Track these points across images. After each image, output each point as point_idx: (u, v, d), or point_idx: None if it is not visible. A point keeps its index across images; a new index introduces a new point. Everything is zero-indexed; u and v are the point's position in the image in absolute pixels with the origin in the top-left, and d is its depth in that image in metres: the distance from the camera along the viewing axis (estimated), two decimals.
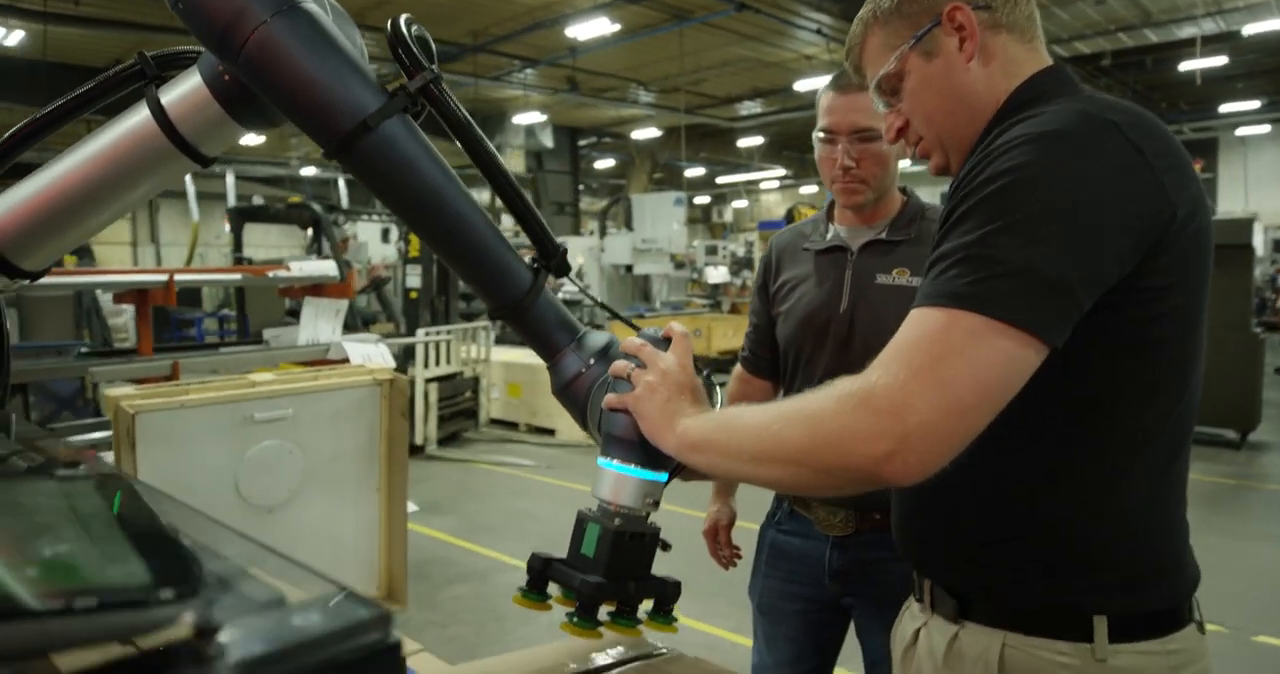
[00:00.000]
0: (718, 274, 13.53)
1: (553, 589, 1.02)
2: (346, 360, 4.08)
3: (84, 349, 4.25)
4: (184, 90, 1.14)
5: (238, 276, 3.79)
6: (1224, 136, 18.87)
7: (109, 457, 3.46)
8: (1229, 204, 17.97)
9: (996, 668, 0.96)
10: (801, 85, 12.50)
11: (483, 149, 1.02)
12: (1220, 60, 12.17)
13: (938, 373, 0.80)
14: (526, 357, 7.78)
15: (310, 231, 8.48)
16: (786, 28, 10.69)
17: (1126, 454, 0.95)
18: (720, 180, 23.88)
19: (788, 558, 1.76)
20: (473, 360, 7.58)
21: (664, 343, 1.01)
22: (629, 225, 12.12)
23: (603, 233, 13.38)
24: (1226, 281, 6.46)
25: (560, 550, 1.02)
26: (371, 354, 4.03)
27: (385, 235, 11.52)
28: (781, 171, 22.17)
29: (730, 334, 10.14)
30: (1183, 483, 1.00)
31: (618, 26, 10.31)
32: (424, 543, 4.60)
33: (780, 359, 1.78)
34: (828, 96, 1.65)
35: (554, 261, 1.06)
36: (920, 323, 0.85)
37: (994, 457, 0.91)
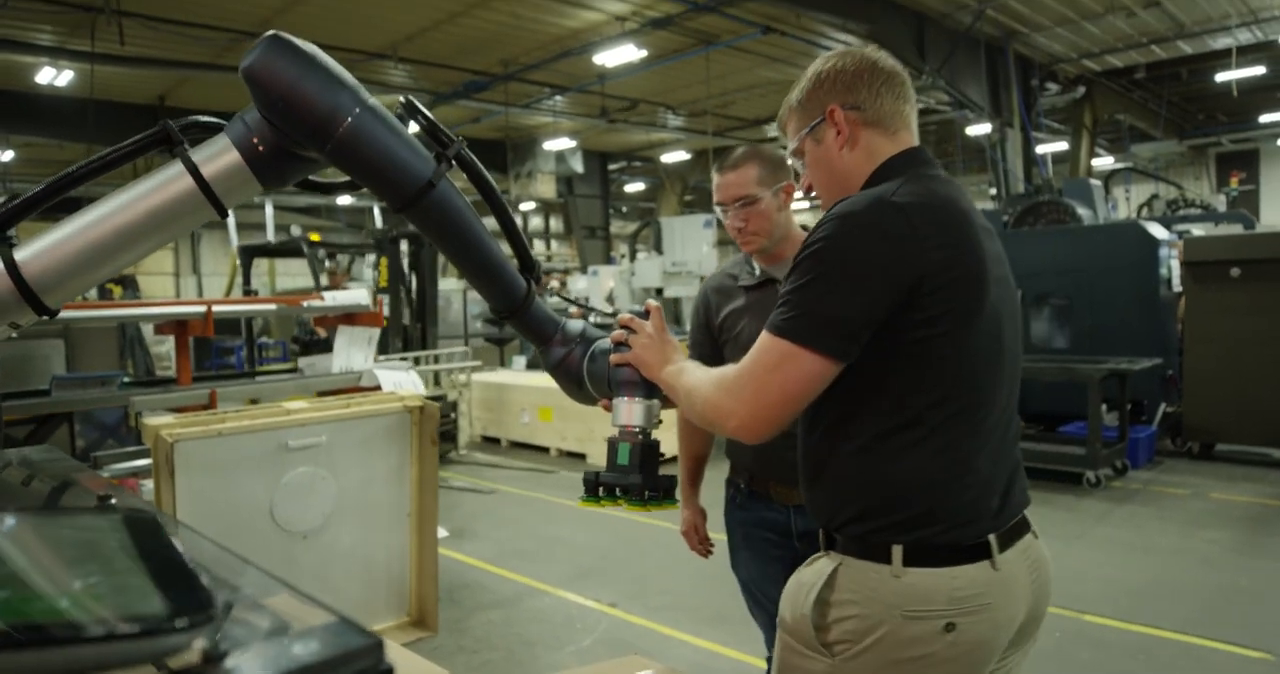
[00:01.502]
0: None
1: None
2: (378, 387, 4.14)
3: (126, 379, 4.35)
4: (218, 156, 1.41)
5: (273, 307, 3.88)
6: (1265, 147, 18.50)
7: (149, 484, 3.51)
8: (1272, 216, 17.57)
9: (827, 579, 1.34)
10: None
11: (493, 192, 1.43)
12: (1258, 70, 11.97)
13: (760, 380, 1.26)
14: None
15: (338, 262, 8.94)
16: (812, 49, 10.73)
17: (909, 434, 1.29)
18: None
19: (760, 528, 2.14)
20: (458, 384, 7.78)
21: (645, 315, 1.48)
22: (659, 248, 12.16)
23: (633, 256, 13.44)
24: (1271, 296, 6.33)
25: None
26: (403, 381, 4.09)
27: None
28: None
29: None
30: (973, 460, 1.32)
31: (645, 52, 10.42)
32: (455, 568, 4.62)
33: None
34: (715, 178, 2.11)
35: (534, 273, 1.50)
36: (760, 343, 1.29)
37: (830, 434, 1.36)
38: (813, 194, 1.52)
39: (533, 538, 5.15)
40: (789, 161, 1.54)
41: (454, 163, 1.39)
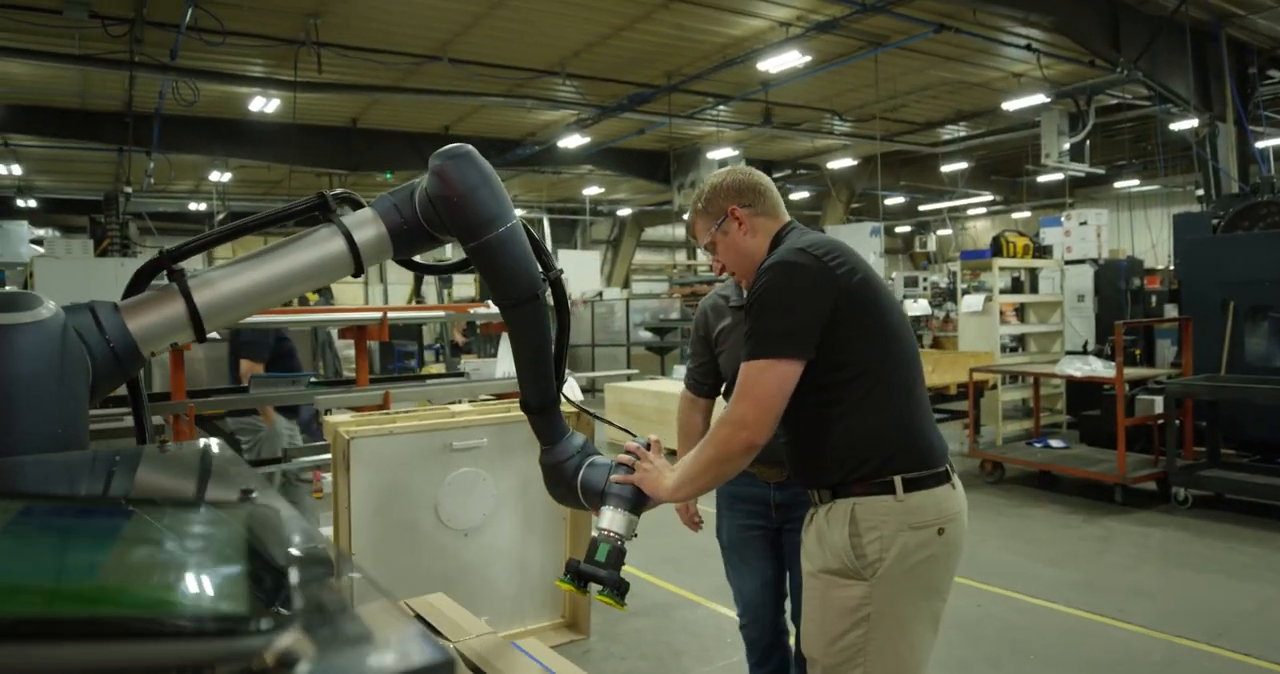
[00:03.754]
0: (918, 307, 12.93)
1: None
2: None
3: (314, 378, 4.70)
4: (367, 226, 1.73)
5: (442, 314, 4.07)
6: None
7: (328, 477, 3.73)
8: None
9: (850, 516, 1.78)
10: (1011, 105, 11.78)
11: (568, 314, 1.93)
12: None
13: (751, 393, 1.73)
14: None
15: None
16: (991, 46, 10.15)
17: (882, 399, 1.80)
18: (923, 208, 22.92)
19: (744, 500, 2.57)
20: None
21: (647, 444, 1.93)
22: None
23: None
24: None
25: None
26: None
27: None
28: (989, 197, 20.93)
29: (929, 371, 9.62)
30: (926, 414, 1.87)
31: (809, 57, 10.22)
32: None
33: (726, 380, 2.55)
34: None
35: (560, 383, 1.92)
36: (741, 371, 1.76)
37: (817, 418, 1.81)
38: (724, 272, 2.04)
39: (685, 547, 5.09)
40: (701, 253, 2.04)
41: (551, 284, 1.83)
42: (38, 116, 11.77)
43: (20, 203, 17.10)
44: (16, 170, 15.02)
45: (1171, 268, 9.77)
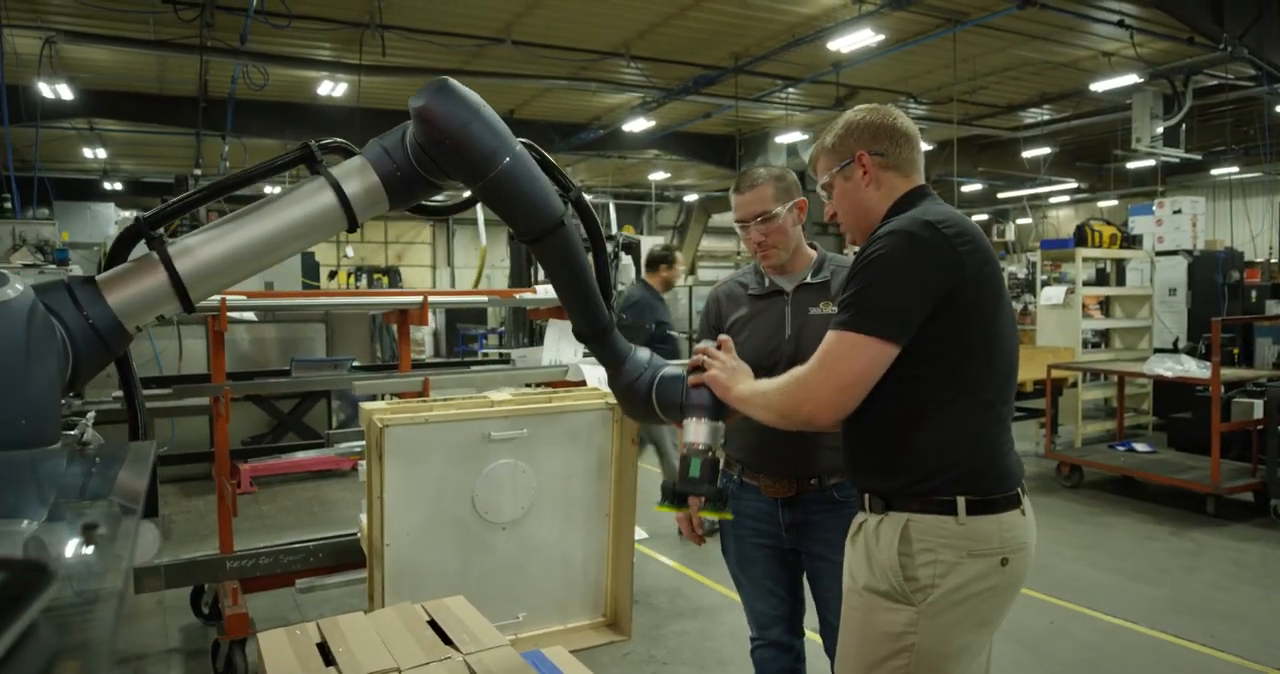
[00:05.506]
0: None
1: None
2: (584, 383, 4.09)
3: (355, 363, 4.63)
4: (358, 177, 1.56)
5: (485, 299, 3.94)
6: None
7: (364, 466, 3.60)
8: None
9: (902, 533, 1.60)
10: (1100, 86, 11.10)
11: (599, 232, 1.78)
12: None
13: (832, 367, 1.56)
14: None
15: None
16: (1080, 23, 9.55)
17: (957, 401, 1.60)
18: (1001, 195, 22.02)
19: (750, 517, 2.35)
20: None
21: (718, 345, 1.81)
22: None
23: None
24: None
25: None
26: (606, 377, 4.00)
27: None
28: (1073, 184, 19.97)
29: None
30: (1007, 428, 1.68)
31: (883, 36, 9.78)
32: (654, 570, 4.49)
33: None
34: (733, 198, 2.33)
35: (609, 303, 1.77)
36: (829, 339, 1.59)
37: (890, 415, 1.62)
38: (834, 222, 1.85)
39: None
40: (820, 193, 1.86)
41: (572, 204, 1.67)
42: (119, 101, 12.10)
43: (106, 185, 17.74)
44: (102, 154, 15.54)
45: (1275, 260, 9.09)
